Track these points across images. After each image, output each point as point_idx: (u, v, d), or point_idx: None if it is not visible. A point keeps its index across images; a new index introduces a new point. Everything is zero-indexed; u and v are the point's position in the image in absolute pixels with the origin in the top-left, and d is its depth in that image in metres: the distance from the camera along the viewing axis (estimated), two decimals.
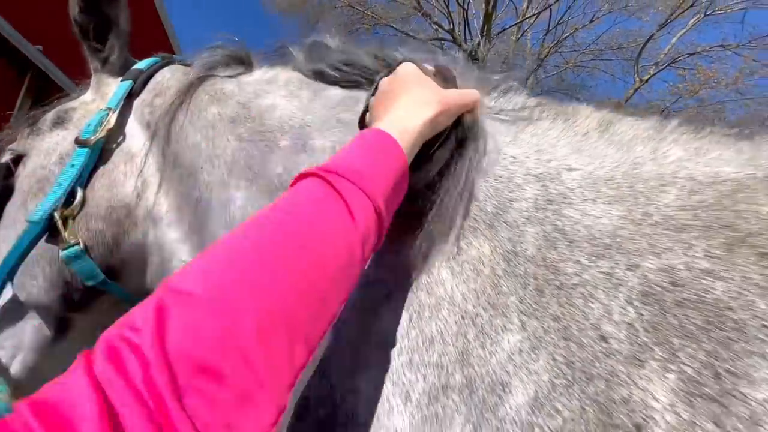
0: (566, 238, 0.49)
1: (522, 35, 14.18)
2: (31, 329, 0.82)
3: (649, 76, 13.30)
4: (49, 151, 0.89)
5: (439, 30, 12.95)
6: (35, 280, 0.80)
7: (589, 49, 14.34)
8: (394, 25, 12.98)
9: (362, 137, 0.52)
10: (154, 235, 0.82)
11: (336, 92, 0.78)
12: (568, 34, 13.98)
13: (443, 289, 0.50)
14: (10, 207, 0.88)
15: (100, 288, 0.80)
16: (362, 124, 0.65)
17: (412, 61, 0.62)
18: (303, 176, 0.46)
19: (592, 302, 0.44)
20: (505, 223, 0.53)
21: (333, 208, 0.42)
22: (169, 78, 0.91)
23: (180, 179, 0.80)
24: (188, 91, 0.83)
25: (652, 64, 13.52)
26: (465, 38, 12.81)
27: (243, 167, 0.73)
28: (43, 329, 0.82)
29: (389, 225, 0.50)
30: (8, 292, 0.80)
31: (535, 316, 0.45)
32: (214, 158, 0.77)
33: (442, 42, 12.39)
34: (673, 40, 13.03)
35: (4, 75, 3.03)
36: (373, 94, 0.63)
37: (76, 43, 0.94)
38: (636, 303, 0.43)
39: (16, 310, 0.81)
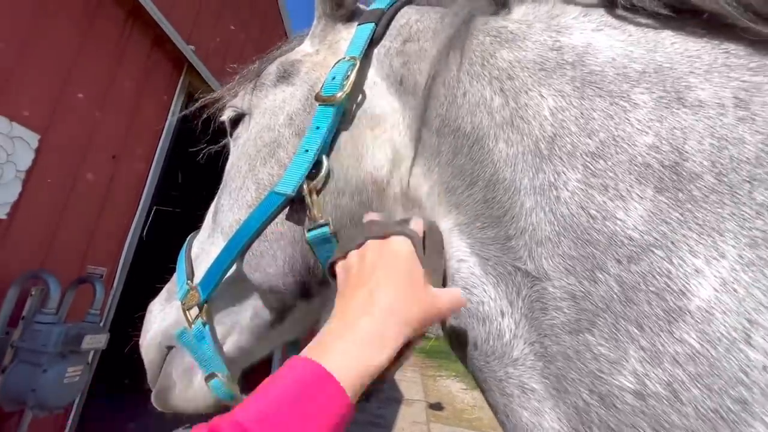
0: None
1: None
2: (251, 311, 0.73)
3: None
4: (275, 110, 0.76)
5: None
6: (274, 261, 0.67)
7: None
8: None
9: (296, 380, 0.42)
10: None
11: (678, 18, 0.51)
12: None
13: None
14: (234, 172, 0.77)
15: None
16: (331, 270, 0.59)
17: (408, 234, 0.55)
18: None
19: None
20: None
21: None
22: (419, 19, 0.70)
23: (454, 150, 0.59)
24: (458, 33, 0.62)
25: None
26: None
27: (576, 134, 0.50)
28: (264, 313, 0.73)
29: None
30: (234, 268, 0.70)
31: None
32: (520, 121, 0.54)
33: None
34: None
35: (163, 67, 3.54)
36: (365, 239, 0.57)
37: (221, 47, 0.92)
38: None
39: (240, 289, 0.72)
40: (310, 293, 0.70)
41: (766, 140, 0.42)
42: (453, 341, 0.60)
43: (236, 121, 0.85)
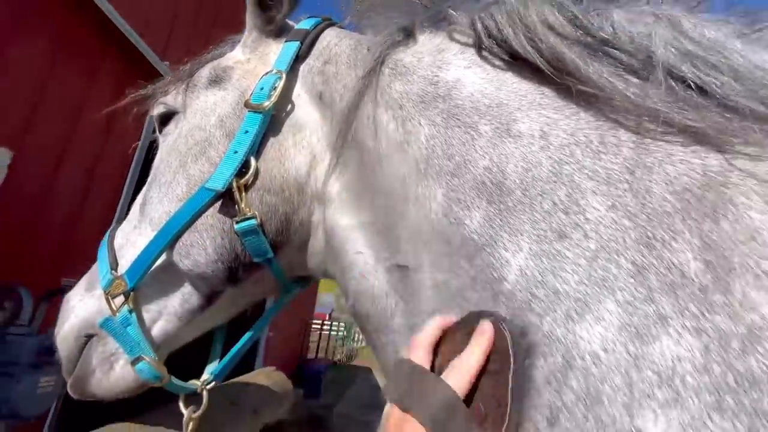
0: None
1: None
2: (179, 297, 0.78)
3: None
4: (206, 111, 0.82)
5: None
6: (204, 250, 0.74)
7: None
8: None
9: None
10: (321, 216, 0.76)
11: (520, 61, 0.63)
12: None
13: (758, 316, 0.39)
14: (163, 167, 0.81)
15: (263, 264, 0.76)
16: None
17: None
18: None
19: None
20: None
21: None
22: (338, 43, 0.81)
23: (360, 162, 0.70)
24: (371, 69, 0.72)
25: None
26: None
27: (441, 158, 0.62)
28: (192, 299, 0.77)
29: None
30: (163, 257, 0.74)
31: None
32: (406, 145, 0.66)
33: None
34: None
35: (137, 82, 3.62)
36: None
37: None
38: None
39: (168, 276, 0.76)
40: (237, 278, 0.77)
41: (554, 164, 0.56)
42: (355, 316, 0.74)
43: (166, 117, 0.90)
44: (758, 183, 0.45)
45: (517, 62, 0.65)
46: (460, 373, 0.47)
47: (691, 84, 0.50)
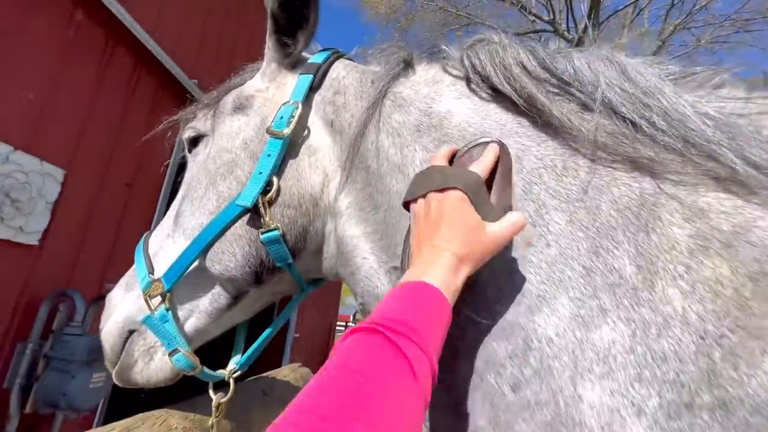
0: None
1: (638, 14, 12.57)
2: (209, 297, 0.86)
3: None
4: (231, 135, 0.90)
5: (537, 22, 12.26)
6: (233, 257, 0.82)
7: (730, 20, 12.03)
8: (489, 23, 12.61)
9: (414, 291, 0.52)
10: (333, 227, 0.85)
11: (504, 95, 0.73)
12: (702, 4, 11.95)
13: (671, 308, 0.49)
14: (194, 183, 0.90)
15: (284, 268, 0.85)
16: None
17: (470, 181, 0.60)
18: (365, 331, 0.45)
19: None
20: (748, 243, 0.50)
21: (403, 375, 0.41)
22: (345, 76, 0.91)
23: (365, 181, 0.80)
24: (376, 103, 0.82)
25: None
26: (568, 26, 11.91)
27: None
28: (220, 298, 0.86)
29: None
30: (196, 263, 0.84)
31: None
32: (403, 167, 0.75)
33: (540, 34, 11.74)
34: None
35: (168, 101, 3.88)
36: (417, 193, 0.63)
37: (220, 79, 1.02)
38: None
39: (200, 278, 0.86)
40: (261, 280, 0.86)
41: (525, 184, 0.66)
42: (364, 313, 0.84)
43: (195, 140, 1.00)
44: (679, 204, 0.55)
45: (499, 95, 0.75)
46: (479, 169, 0.62)
47: (630, 121, 0.60)
